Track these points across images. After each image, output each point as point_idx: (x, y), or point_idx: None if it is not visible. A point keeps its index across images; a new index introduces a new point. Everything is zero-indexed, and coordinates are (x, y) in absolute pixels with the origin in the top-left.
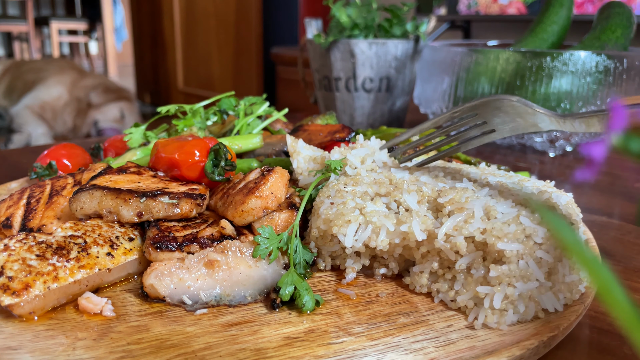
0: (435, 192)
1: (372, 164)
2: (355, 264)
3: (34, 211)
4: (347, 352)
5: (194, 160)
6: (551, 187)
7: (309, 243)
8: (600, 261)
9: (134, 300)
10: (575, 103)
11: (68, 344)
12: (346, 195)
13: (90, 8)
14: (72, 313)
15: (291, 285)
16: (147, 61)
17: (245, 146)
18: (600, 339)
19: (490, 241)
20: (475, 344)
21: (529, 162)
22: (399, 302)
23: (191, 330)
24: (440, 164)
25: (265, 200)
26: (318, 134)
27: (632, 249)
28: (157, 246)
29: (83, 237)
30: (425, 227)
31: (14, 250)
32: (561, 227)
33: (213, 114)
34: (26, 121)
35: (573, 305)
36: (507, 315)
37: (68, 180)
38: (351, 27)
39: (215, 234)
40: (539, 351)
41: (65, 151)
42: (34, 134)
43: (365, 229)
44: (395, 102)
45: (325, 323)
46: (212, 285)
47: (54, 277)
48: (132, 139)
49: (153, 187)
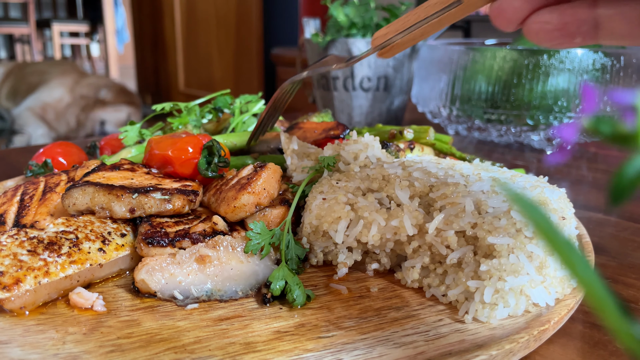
0: (427, 188)
1: (365, 159)
2: (347, 259)
3: (27, 208)
4: (336, 346)
5: (187, 156)
6: (544, 182)
7: (301, 239)
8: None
9: (125, 295)
10: (572, 101)
11: (58, 338)
12: (338, 191)
13: (92, 10)
14: (63, 308)
15: (282, 280)
16: (148, 63)
17: (239, 144)
18: (592, 333)
19: (480, 235)
20: (465, 338)
21: (527, 160)
22: (390, 296)
23: (182, 325)
24: (433, 160)
25: (257, 196)
26: (313, 131)
27: (627, 245)
28: (149, 241)
29: (75, 232)
30: (417, 222)
31: (5, 246)
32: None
33: (208, 112)
34: (27, 122)
35: (564, 300)
36: (498, 310)
37: (62, 177)
38: (349, 26)
39: (208, 230)
40: (530, 345)
41: (61, 149)
42: (34, 134)
43: (357, 224)
44: (393, 101)
45: (316, 317)
46: (204, 281)
47: (45, 272)
48: (127, 136)
49: (146, 183)
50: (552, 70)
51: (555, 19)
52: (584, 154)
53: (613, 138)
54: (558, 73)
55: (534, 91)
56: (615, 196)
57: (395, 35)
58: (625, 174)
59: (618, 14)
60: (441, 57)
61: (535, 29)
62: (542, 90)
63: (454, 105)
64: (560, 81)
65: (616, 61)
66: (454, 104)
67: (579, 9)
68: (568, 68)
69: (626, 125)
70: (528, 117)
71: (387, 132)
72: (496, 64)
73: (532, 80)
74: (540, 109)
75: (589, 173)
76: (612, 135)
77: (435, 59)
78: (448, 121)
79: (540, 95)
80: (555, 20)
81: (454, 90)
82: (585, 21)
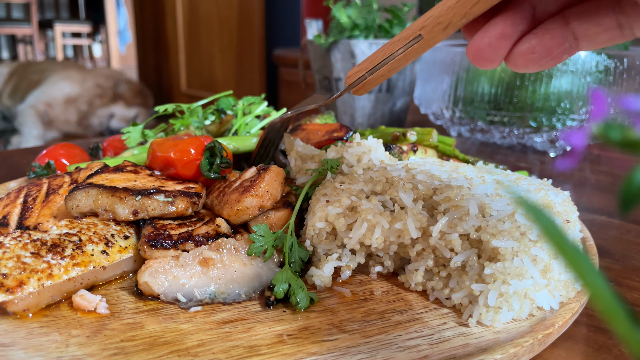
0: (430, 190)
1: (368, 162)
2: (350, 262)
3: (30, 209)
4: (340, 349)
5: (189, 158)
6: (548, 185)
7: (304, 241)
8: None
9: (128, 297)
10: (575, 102)
11: (61, 341)
12: (342, 193)
13: (94, 11)
14: (67, 310)
15: (285, 283)
16: (150, 63)
17: (242, 147)
18: (596, 337)
19: (484, 238)
20: (469, 342)
21: (530, 162)
22: (394, 300)
23: (185, 328)
24: (436, 162)
25: (261, 199)
26: (316, 133)
27: (631, 248)
28: (152, 244)
29: (78, 234)
30: (420, 225)
31: (9, 248)
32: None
33: (211, 113)
34: (25, 121)
35: (569, 303)
36: (502, 313)
37: (65, 179)
38: (351, 27)
39: (211, 232)
40: (534, 349)
41: (64, 151)
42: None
43: (360, 227)
44: (396, 103)
45: (319, 320)
46: (207, 283)
47: (48, 275)
48: (130, 138)
49: (149, 185)
50: (555, 72)
51: (538, 47)
52: (587, 156)
53: (622, 144)
54: (561, 75)
55: (536, 93)
56: (626, 202)
57: (366, 72)
58: (635, 180)
59: (593, 25)
60: (444, 59)
61: (522, 62)
62: (545, 92)
63: (456, 106)
64: (563, 83)
65: (619, 63)
66: (457, 105)
67: (556, 31)
68: (571, 70)
69: (635, 132)
70: (531, 119)
71: (390, 134)
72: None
73: (535, 82)
74: (543, 111)
75: (592, 175)
76: (622, 141)
77: (438, 60)
78: (450, 123)
79: (543, 97)
80: (539, 48)
81: (457, 91)
82: (565, 38)
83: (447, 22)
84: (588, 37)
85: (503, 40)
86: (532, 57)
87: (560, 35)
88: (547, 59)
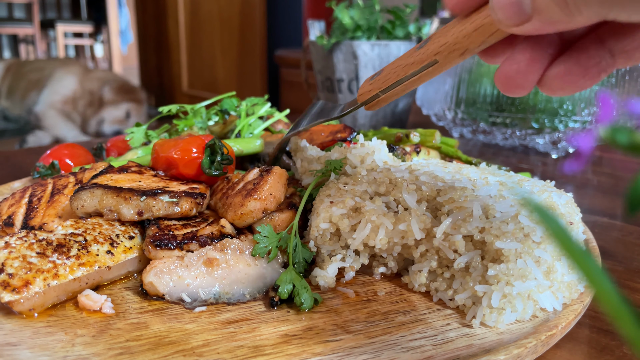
0: (434, 192)
1: (372, 163)
2: (354, 262)
3: (35, 209)
4: (344, 350)
5: (190, 157)
6: (551, 186)
7: (308, 242)
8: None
9: (133, 297)
10: (577, 104)
11: (67, 341)
12: (345, 195)
13: (96, 11)
14: (72, 310)
15: (290, 284)
16: (151, 64)
17: (246, 149)
18: (599, 338)
19: (488, 240)
20: (473, 343)
21: (532, 164)
22: (398, 300)
23: (190, 328)
24: (440, 164)
25: (264, 202)
26: (320, 134)
27: (633, 249)
28: (157, 244)
29: (83, 235)
30: (424, 226)
31: (15, 248)
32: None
33: (215, 114)
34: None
35: (572, 305)
36: (505, 314)
37: (70, 179)
38: (354, 28)
39: (215, 233)
40: (537, 350)
41: (68, 151)
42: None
43: (364, 228)
44: (398, 104)
45: (324, 321)
46: (211, 283)
47: (54, 275)
48: (133, 138)
49: (154, 186)
50: None
51: (575, 68)
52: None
53: (630, 148)
54: None
55: (539, 94)
56: (633, 205)
57: (379, 91)
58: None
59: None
60: None
61: (558, 85)
62: None
63: (458, 108)
64: None
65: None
66: (459, 106)
67: (592, 50)
68: None
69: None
70: (533, 120)
71: (394, 135)
72: None
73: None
74: (546, 112)
75: (593, 177)
76: (629, 144)
77: None
78: (453, 124)
79: (546, 99)
80: (576, 69)
81: (459, 93)
82: (602, 57)
83: (463, 49)
84: (626, 54)
85: (533, 65)
86: (568, 78)
87: (596, 55)
88: (584, 80)
